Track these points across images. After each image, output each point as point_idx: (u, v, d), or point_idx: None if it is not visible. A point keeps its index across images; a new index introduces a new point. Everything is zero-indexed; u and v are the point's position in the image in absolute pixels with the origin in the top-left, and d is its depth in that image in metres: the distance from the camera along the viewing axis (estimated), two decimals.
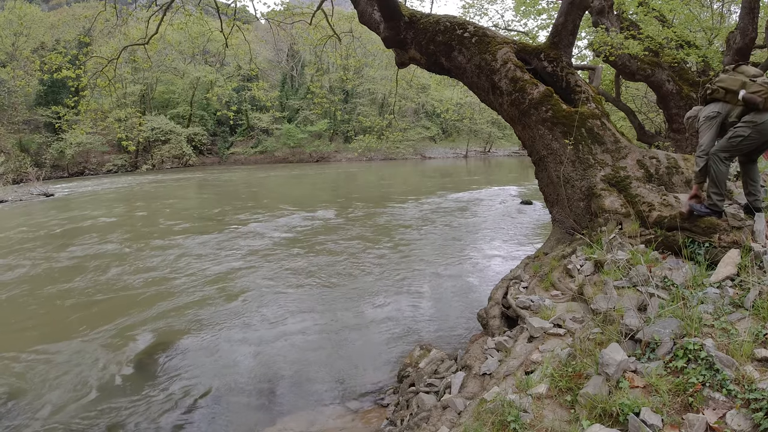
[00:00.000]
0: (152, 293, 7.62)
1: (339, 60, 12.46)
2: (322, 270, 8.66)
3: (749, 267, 3.00)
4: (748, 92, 3.43)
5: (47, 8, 50.96)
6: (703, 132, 3.75)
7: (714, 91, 3.73)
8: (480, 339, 4.04)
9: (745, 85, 3.48)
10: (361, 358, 5.33)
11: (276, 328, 6.20)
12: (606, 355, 2.36)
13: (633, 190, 4.54)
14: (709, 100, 3.83)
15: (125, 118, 29.25)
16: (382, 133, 14.61)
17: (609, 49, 8.12)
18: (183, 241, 11.30)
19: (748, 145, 3.52)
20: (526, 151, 5.80)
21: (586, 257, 4.14)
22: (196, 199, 20.41)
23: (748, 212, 3.72)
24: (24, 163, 31.12)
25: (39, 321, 6.62)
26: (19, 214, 16.98)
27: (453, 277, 8.11)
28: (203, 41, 18.79)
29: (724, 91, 3.64)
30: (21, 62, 32.33)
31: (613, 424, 2.07)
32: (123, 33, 11.12)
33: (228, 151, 44.67)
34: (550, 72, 5.63)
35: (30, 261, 9.79)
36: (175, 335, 6.03)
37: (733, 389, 2.05)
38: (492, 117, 42.82)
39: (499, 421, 2.32)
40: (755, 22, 6.85)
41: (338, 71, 22.41)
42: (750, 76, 3.50)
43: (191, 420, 4.25)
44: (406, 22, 6.25)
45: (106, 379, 4.99)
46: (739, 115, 3.56)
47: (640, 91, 16.18)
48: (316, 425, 4.11)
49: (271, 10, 13.37)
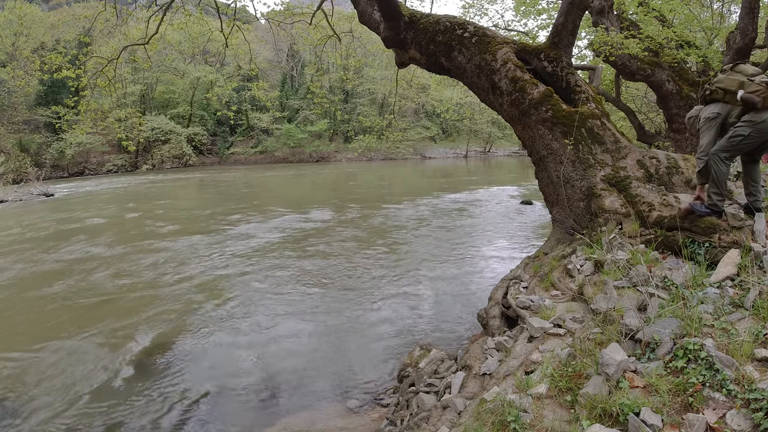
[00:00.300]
0: (151, 294, 7.61)
1: (339, 60, 12.47)
2: (321, 270, 8.65)
3: (749, 267, 3.00)
4: (746, 92, 3.43)
5: (47, 8, 50.96)
6: (703, 133, 3.75)
7: (713, 92, 3.74)
8: (480, 339, 4.04)
9: (743, 84, 3.48)
10: (361, 358, 5.32)
11: (275, 328, 6.19)
12: (606, 355, 2.36)
13: (633, 190, 4.54)
14: (708, 101, 3.83)
15: (125, 118, 29.28)
16: (382, 133, 14.61)
17: (609, 49, 8.12)
18: (183, 241, 11.30)
19: (748, 144, 3.52)
20: (526, 151, 5.80)
21: (586, 257, 4.14)
22: (196, 200, 20.41)
23: (748, 212, 3.72)
24: (24, 163, 31.13)
25: (38, 321, 6.62)
26: (19, 214, 16.98)
27: (453, 277, 8.10)
28: (203, 41, 18.78)
29: (722, 91, 3.64)
30: (21, 62, 32.34)
31: (613, 424, 2.07)
32: (123, 33, 11.14)
33: (228, 151, 44.67)
34: (550, 72, 5.63)
35: (29, 261, 9.79)
36: (174, 336, 6.02)
37: (733, 389, 2.05)
38: (492, 117, 42.82)
39: (499, 421, 2.32)
40: (755, 22, 6.85)
41: (338, 71, 22.41)
42: (748, 76, 3.50)
43: (191, 420, 4.25)
44: (406, 22, 6.25)
45: (105, 380, 4.98)
46: (738, 115, 3.56)
47: (640, 91, 16.18)
48: (316, 425, 4.10)
49: (271, 10, 13.40)
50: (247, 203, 18.09)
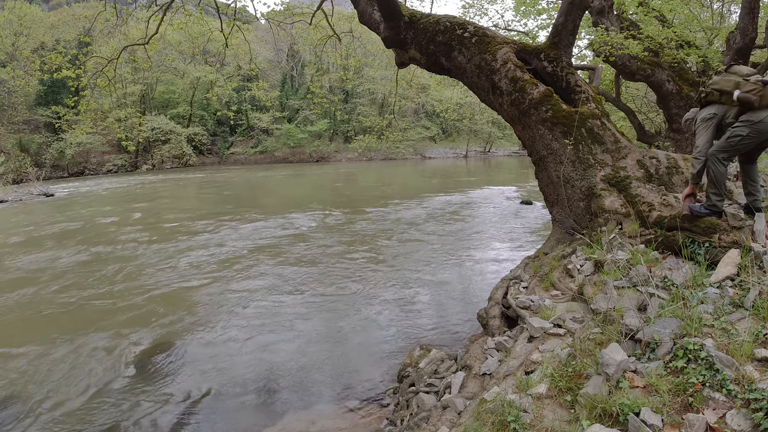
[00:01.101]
0: (151, 294, 7.61)
1: (339, 60, 12.47)
2: (321, 270, 8.65)
3: (749, 267, 3.00)
4: (742, 92, 3.43)
5: (47, 8, 50.95)
6: (699, 134, 3.75)
7: (708, 93, 3.74)
8: (480, 339, 4.04)
9: (739, 84, 3.47)
10: (361, 358, 5.33)
11: (276, 328, 6.20)
12: (606, 355, 2.36)
13: (633, 190, 4.54)
14: (704, 103, 3.83)
15: (125, 118, 29.28)
16: (382, 133, 14.62)
17: (609, 49, 8.12)
18: (182, 242, 11.30)
19: (746, 144, 3.52)
20: (526, 151, 5.80)
21: (586, 257, 4.14)
22: (197, 200, 20.41)
23: (748, 212, 3.72)
24: (24, 163, 31.12)
25: (38, 322, 6.61)
26: (19, 214, 16.98)
27: (453, 277, 8.10)
28: (203, 41, 18.80)
29: (718, 93, 3.64)
30: (21, 62, 32.34)
31: (613, 424, 2.07)
32: (123, 33, 11.13)
33: (228, 151, 44.67)
34: (550, 72, 5.63)
35: (28, 261, 9.80)
36: (174, 336, 6.02)
37: (733, 389, 2.05)
38: (492, 117, 42.84)
39: (499, 421, 2.32)
40: (755, 22, 6.86)
41: (338, 71, 22.41)
42: (743, 76, 3.50)
43: (191, 420, 4.25)
44: (406, 22, 6.25)
45: (105, 380, 4.98)
46: (735, 116, 3.56)
47: (640, 91, 16.19)
48: (316, 425, 4.10)
49: (271, 10, 13.40)
50: (248, 203, 18.09)
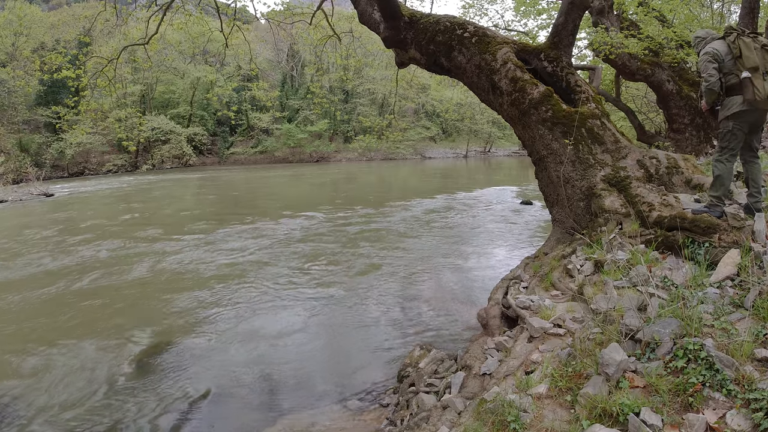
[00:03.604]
0: (151, 294, 7.61)
1: (339, 60, 12.50)
2: (321, 271, 8.64)
3: (749, 267, 3.00)
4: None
5: (47, 8, 50.94)
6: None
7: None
8: (480, 339, 4.05)
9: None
10: (361, 358, 5.32)
11: (275, 328, 6.19)
12: (606, 355, 2.36)
13: (633, 190, 4.54)
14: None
15: (125, 118, 29.30)
16: (382, 133, 14.64)
17: (609, 49, 8.13)
18: (182, 242, 11.29)
19: (741, 130, 3.59)
20: (526, 151, 5.80)
21: (586, 257, 4.14)
22: (196, 200, 20.41)
23: (748, 212, 3.72)
24: (24, 163, 31.11)
25: (37, 322, 6.61)
26: (19, 214, 16.98)
27: (453, 277, 8.10)
28: (203, 41, 18.78)
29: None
30: (21, 62, 32.35)
31: (613, 424, 2.07)
32: (123, 33, 11.13)
33: (228, 151, 44.67)
34: (550, 72, 5.63)
35: (27, 262, 9.79)
36: (174, 336, 6.02)
37: (733, 389, 2.05)
38: (492, 117, 42.83)
39: (499, 421, 2.32)
40: (755, 22, 6.87)
41: (338, 71, 22.39)
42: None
43: (191, 420, 4.25)
44: (406, 22, 6.25)
45: (105, 380, 4.98)
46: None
47: (640, 91, 16.20)
48: (317, 425, 4.10)
49: (271, 10, 13.42)
50: (248, 203, 18.11)
